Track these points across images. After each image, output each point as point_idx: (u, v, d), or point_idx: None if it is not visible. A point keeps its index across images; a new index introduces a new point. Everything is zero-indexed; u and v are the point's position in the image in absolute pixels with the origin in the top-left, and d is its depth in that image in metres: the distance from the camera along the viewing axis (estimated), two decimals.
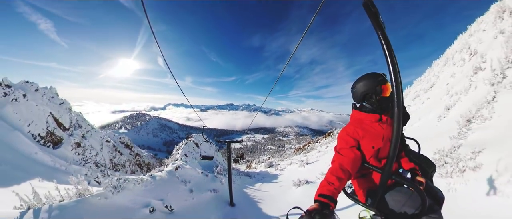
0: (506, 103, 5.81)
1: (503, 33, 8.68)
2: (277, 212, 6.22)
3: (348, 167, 1.41)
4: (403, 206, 1.46)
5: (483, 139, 5.01)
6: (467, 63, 10.23)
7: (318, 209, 1.20)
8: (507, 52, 7.33)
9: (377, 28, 1.18)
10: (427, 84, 13.00)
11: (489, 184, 3.71)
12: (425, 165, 2.01)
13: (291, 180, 10.15)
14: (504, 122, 5.26)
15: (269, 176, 14.40)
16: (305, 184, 9.16)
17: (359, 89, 1.63)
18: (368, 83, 1.59)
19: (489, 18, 10.57)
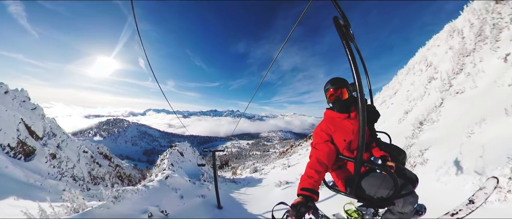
0: (450, 108, 7.04)
1: (452, 49, 10.33)
2: (261, 211, 6.73)
3: (324, 160, 1.53)
4: (379, 189, 1.59)
5: (431, 138, 6.06)
6: (424, 73, 11.86)
7: (302, 202, 1.28)
8: (453, 65, 8.80)
9: (343, 39, 1.34)
10: (392, 91, 14.65)
11: (432, 175, 4.57)
12: (396, 153, 2.29)
13: (274, 182, 10.80)
14: (447, 124, 6.41)
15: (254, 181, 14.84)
16: (285, 185, 9.88)
17: (324, 93, 1.90)
18: (324, 90, 1.87)
19: (443, 35, 12.41)
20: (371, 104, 2.68)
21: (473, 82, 6.91)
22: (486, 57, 7.22)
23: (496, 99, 5.41)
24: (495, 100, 5.41)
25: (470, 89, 6.84)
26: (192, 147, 22.39)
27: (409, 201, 1.52)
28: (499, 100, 5.25)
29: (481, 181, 3.32)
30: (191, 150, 20.48)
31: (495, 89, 5.80)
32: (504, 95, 5.29)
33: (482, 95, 6.13)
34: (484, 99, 5.90)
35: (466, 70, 7.85)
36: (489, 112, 5.15)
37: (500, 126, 4.44)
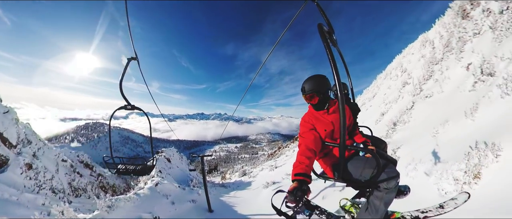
0: (419, 110, 7.80)
1: (424, 57, 11.39)
2: (251, 212, 6.97)
3: (312, 146, 1.68)
4: (364, 170, 1.72)
5: (402, 137, 6.70)
6: (399, 78, 12.88)
7: (297, 187, 1.38)
8: (424, 72, 9.71)
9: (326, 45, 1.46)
10: (371, 94, 15.67)
11: (402, 171, 5.10)
12: (378, 143, 2.53)
13: (262, 183, 11.11)
14: (416, 124, 7.11)
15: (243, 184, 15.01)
16: (272, 185, 10.24)
17: None
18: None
19: (416, 45, 13.58)
20: (353, 102, 2.99)
21: (440, 87, 7.74)
22: (452, 65, 8.12)
23: (458, 103, 6.16)
24: (457, 104, 6.15)
25: (437, 94, 7.66)
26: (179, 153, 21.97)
27: (392, 176, 1.64)
28: (460, 104, 5.99)
29: (442, 176, 3.84)
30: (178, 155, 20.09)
31: (458, 94, 6.59)
32: (464, 99, 6.04)
33: (447, 99, 6.92)
34: (448, 103, 6.66)
35: (434, 76, 8.75)
36: (452, 114, 5.85)
37: (459, 126, 5.10)
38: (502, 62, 5.61)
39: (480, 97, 5.30)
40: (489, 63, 5.92)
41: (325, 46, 1.47)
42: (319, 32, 1.52)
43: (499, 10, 7.05)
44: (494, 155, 3.38)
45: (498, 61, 5.75)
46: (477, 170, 3.40)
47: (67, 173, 15.53)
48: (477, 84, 6.03)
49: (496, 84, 5.01)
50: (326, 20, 1.69)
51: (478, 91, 5.77)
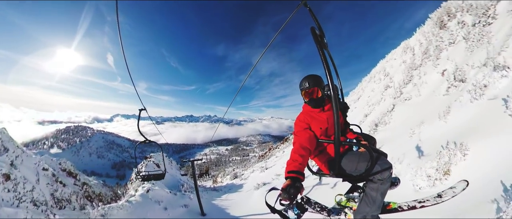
0: (399, 112, 8.35)
1: (405, 62, 12.11)
2: (243, 214, 7.14)
3: (306, 144, 1.72)
4: (358, 164, 1.78)
5: (383, 138, 7.16)
6: (382, 81, 13.60)
7: (291, 184, 1.40)
8: (404, 76, 10.36)
9: (319, 48, 1.50)
10: (356, 96, 16.40)
11: None
12: (368, 139, 2.56)
13: (253, 185, 11.31)
14: (396, 125, 7.61)
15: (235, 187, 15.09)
16: (263, 186, 10.49)
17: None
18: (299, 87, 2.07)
19: (399, 51, 14.38)
20: (343, 101, 3.17)
21: (418, 91, 8.34)
22: (429, 71, 8.78)
23: (433, 105, 6.70)
24: (433, 106, 6.69)
25: (416, 97, 8.25)
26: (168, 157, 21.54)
27: (385, 167, 1.71)
28: (435, 106, 6.52)
29: (416, 172, 4.21)
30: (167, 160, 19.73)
31: (433, 97, 7.16)
32: (439, 102, 6.59)
33: (424, 102, 7.48)
34: (425, 106, 7.22)
35: (413, 81, 9.39)
36: (427, 116, 6.36)
37: (433, 127, 5.58)
38: (472, 70, 6.20)
39: (452, 101, 5.82)
40: (461, 70, 6.51)
41: (318, 48, 1.52)
42: (313, 35, 1.58)
43: (472, 23, 7.75)
44: (462, 153, 3.79)
45: (469, 69, 6.35)
46: (447, 167, 3.79)
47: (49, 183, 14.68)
48: (450, 89, 6.60)
49: (467, 90, 5.54)
50: (317, 24, 1.75)
51: (451, 95, 6.33)
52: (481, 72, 5.55)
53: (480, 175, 3.30)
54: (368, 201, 1.82)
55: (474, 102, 5.05)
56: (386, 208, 2.14)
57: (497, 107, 4.25)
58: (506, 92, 4.33)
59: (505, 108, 4.01)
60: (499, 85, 4.77)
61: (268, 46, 2.39)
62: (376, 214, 1.84)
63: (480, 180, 3.17)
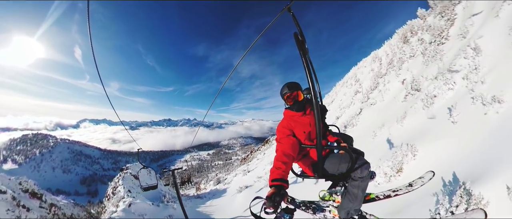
0: (365, 115, 9.36)
1: (373, 70, 13.46)
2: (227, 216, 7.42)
3: (289, 151, 1.74)
4: (340, 165, 1.90)
5: None
6: (353, 86, 14.89)
7: (276, 192, 1.41)
8: (371, 83, 11.55)
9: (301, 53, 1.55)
10: (330, 99, 17.71)
11: None
12: (346, 138, 2.84)
13: (236, 189, 11.63)
14: (362, 127, 8.56)
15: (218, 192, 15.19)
16: (245, 189, 10.91)
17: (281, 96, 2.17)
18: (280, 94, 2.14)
19: (369, 59, 15.90)
20: (322, 104, 3.42)
21: (382, 97, 9.44)
22: (392, 80, 9.98)
23: (394, 110, 7.70)
24: (393, 111, 7.69)
25: (380, 102, 9.33)
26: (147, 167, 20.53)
27: (364, 166, 1.85)
28: (395, 111, 7.51)
29: (376, 170, 4.90)
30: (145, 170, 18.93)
31: (394, 103, 8.21)
32: (398, 108, 7.60)
33: (386, 107, 8.53)
34: (386, 110, 8.24)
35: (379, 88, 10.57)
36: (388, 119, 7.31)
37: (392, 130, 6.46)
38: (426, 82, 7.29)
39: (408, 107, 6.80)
40: (417, 81, 7.61)
41: (300, 53, 1.58)
42: (295, 40, 1.64)
43: (429, 41, 9.07)
44: (412, 154, 4.57)
45: (424, 80, 7.45)
46: (400, 166, 4.53)
47: (10, 208, 12.48)
48: (407, 96, 7.67)
49: (420, 98, 6.53)
50: (300, 30, 1.81)
51: (408, 102, 7.37)
52: (433, 84, 6.59)
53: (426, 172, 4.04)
54: (351, 197, 1.95)
55: (426, 110, 6.01)
56: (365, 199, 2.34)
57: (443, 115, 5.16)
58: (451, 102, 5.26)
59: (449, 116, 4.89)
60: (446, 96, 5.77)
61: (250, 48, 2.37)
62: (358, 208, 2.01)
63: None
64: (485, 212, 2.04)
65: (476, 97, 4.58)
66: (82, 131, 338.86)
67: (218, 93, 3.88)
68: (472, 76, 5.32)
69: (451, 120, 4.70)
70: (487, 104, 4.22)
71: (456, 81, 5.80)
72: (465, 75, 5.53)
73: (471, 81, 5.27)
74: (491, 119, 3.98)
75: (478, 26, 6.75)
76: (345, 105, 12.92)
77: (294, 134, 1.96)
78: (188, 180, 21.47)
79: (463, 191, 2.75)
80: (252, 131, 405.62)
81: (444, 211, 2.81)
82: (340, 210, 2.07)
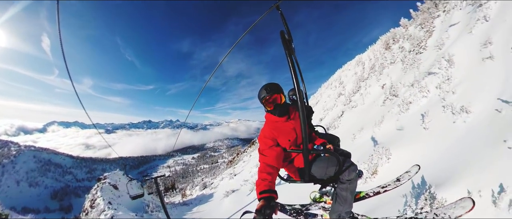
0: (346, 118, 9.97)
1: (356, 74, 14.30)
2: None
3: (273, 163, 1.72)
4: (327, 169, 1.88)
5: None
6: (337, 89, 15.67)
7: (265, 204, 1.41)
8: (354, 86, 12.27)
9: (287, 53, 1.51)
10: (315, 101, 18.47)
11: None
12: (332, 139, 2.85)
13: (222, 193, 11.79)
14: (343, 129, 9.12)
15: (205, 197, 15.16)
16: (232, 193, 11.11)
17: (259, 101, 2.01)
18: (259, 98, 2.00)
19: (353, 62, 16.84)
20: (307, 105, 3.30)
21: (363, 100, 10.10)
22: (373, 84, 10.70)
23: (373, 114, 8.31)
24: (372, 114, 8.30)
25: (361, 105, 9.99)
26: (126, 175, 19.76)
27: (352, 169, 1.86)
28: (374, 115, 8.10)
29: None
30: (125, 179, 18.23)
31: (374, 107, 8.84)
32: (377, 112, 8.20)
33: (366, 110, 9.16)
34: (366, 113, 8.87)
35: (361, 91, 11.28)
36: (367, 123, 7.88)
37: (370, 133, 7.00)
38: (403, 88, 7.97)
39: (386, 112, 7.40)
40: (395, 87, 8.28)
41: (286, 52, 1.54)
42: (281, 39, 1.59)
43: (409, 49, 9.91)
44: (386, 157, 5.03)
45: (401, 86, 8.13)
46: (375, 168, 4.98)
47: None
48: (386, 101, 8.31)
49: (397, 103, 7.13)
50: (287, 28, 1.80)
51: (386, 106, 8.00)
52: (409, 90, 7.24)
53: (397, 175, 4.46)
54: (340, 200, 1.98)
55: (401, 115, 6.60)
56: (355, 198, 2.38)
57: (416, 121, 5.73)
58: (424, 109, 5.84)
59: (422, 122, 5.45)
60: (420, 103, 6.38)
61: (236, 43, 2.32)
62: (349, 210, 2.04)
63: None
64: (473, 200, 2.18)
65: (446, 106, 5.16)
66: (50, 135, 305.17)
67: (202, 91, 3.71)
68: (445, 86, 5.94)
69: (423, 126, 5.26)
70: (456, 113, 4.75)
71: (430, 89, 6.44)
72: (438, 85, 6.17)
73: (443, 91, 5.87)
74: (458, 127, 4.49)
75: (453, 39, 7.48)
76: (328, 107, 13.59)
77: (278, 143, 1.90)
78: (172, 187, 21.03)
79: (428, 195, 3.16)
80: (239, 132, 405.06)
81: (411, 212, 3.20)
82: (331, 214, 2.09)
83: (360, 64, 14.73)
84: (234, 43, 2.35)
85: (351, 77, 14.86)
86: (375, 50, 13.80)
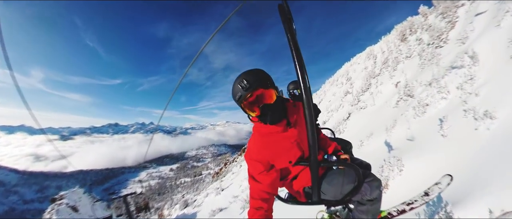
0: (353, 121, 10.29)
1: (366, 69, 14.77)
2: None
3: (268, 190, 1.60)
4: (343, 186, 1.69)
5: None
6: (344, 86, 16.11)
7: None
8: (363, 83, 12.65)
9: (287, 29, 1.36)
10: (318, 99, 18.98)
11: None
12: (344, 145, 2.74)
13: (208, 212, 11.88)
14: (350, 135, 9.42)
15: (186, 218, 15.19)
16: (219, 212, 11.25)
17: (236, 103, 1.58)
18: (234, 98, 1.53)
19: (363, 55, 17.40)
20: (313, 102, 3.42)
21: (373, 100, 10.42)
22: (385, 81, 11.05)
23: (384, 117, 8.60)
24: (383, 117, 8.59)
25: (370, 106, 10.33)
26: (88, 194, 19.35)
27: (375, 185, 1.71)
28: (385, 118, 8.39)
29: None
30: (87, 198, 17.86)
31: (385, 109, 9.13)
32: (388, 114, 8.49)
33: (376, 113, 9.48)
34: (377, 116, 9.17)
35: (371, 90, 11.64)
36: (376, 127, 8.15)
37: (380, 140, 7.25)
38: (420, 87, 8.27)
39: (399, 115, 7.67)
40: (410, 86, 8.58)
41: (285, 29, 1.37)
42: (280, 13, 1.44)
43: (427, 42, 10.26)
44: (398, 169, 5.25)
45: (417, 85, 8.44)
46: (386, 181, 5.19)
47: None
48: (400, 102, 8.62)
49: (412, 106, 7.40)
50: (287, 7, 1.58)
51: (400, 108, 8.28)
52: (426, 91, 7.51)
53: (410, 190, 4.57)
54: None
55: (417, 119, 6.86)
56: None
57: (433, 127, 5.95)
58: (443, 113, 6.07)
59: (440, 128, 5.67)
60: (438, 106, 6.64)
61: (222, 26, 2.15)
62: None
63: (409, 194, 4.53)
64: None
65: (468, 110, 5.31)
66: None
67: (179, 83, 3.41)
68: (467, 87, 6.15)
69: (441, 133, 5.49)
70: (478, 119, 4.88)
71: (450, 90, 6.70)
72: (460, 85, 6.41)
73: (465, 92, 6.10)
74: (481, 135, 4.61)
75: (478, 33, 7.76)
76: (333, 108, 13.94)
77: (274, 166, 1.66)
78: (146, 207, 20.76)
79: (444, 214, 3.33)
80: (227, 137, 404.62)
81: None
82: None
83: (371, 58, 15.18)
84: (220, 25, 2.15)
85: (361, 72, 15.30)
86: (389, 41, 14.27)
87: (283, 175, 1.80)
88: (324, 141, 2.03)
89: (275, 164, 1.64)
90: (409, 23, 12.98)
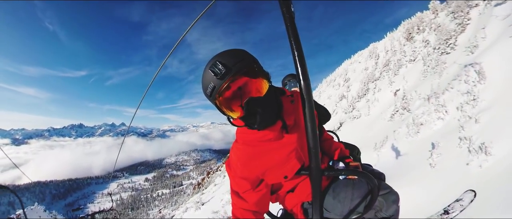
0: (345, 132, 10.72)
1: (367, 69, 15.30)
2: None
3: (255, 209, 1.51)
4: (352, 201, 1.54)
5: None
6: (340, 88, 16.63)
7: None
8: (360, 87, 13.06)
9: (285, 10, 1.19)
10: None
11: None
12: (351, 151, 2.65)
13: None
14: None
15: None
16: None
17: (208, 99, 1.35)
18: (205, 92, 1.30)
19: (365, 53, 17.91)
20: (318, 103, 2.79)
21: (368, 109, 10.87)
22: (384, 88, 11.49)
23: (376, 130, 9.02)
24: (375, 131, 9.01)
25: (365, 116, 10.78)
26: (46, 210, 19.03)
27: (392, 200, 1.60)
28: (377, 132, 8.80)
29: None
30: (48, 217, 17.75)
31: (379, 121, 9.54)
32: (382, 128, 8.88)
33: (370, 124, 9.92)
34: (369, 129, 9.65)
35: (367, 96, 12.08)
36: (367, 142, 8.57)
37: (367, 157, 7.60)
38: (418, 101, 8.71)
39: (391, 131, 8.05)
40: (409, 99, 8.94)
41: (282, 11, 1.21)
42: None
43: (434, 46, 10.62)
44: None
45: (416, 98, 8.80)
46: None
47: None
48: (395, 115, 9.04)
49: (406, 122, 7.75)
50: None
51: (394, 123, 8.68)
52: (423, 106, 7.90)
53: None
54: None
55: (408, 139, 7.22)
56: None
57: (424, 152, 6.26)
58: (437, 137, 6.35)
59: (430, 155, 5.93)
60: (434, 127, 7.03)
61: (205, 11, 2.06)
62: None
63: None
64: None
65: (463, 139, 5.51)
66: None
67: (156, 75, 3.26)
68: (468, 109, 6.38)
69: (430, 162, 5.82)
70: (472, 151, 4.98)
71: (448, 110, 7.01)
72: (460, 105, 6.68)
73: (464, 115, 6.35)
74: (471, 173, 4.70)
75: (490, 41, 7.87)
76: None
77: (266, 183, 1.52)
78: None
79: None
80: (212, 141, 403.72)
81: None
82: None
83: (374, 57, 15.63)
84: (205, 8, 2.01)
85: (360, 73, 15.78)
86: (394, 39, 14.71)
87: (276, 189, 1.67)
88: (329, 144, 1.84)
89: (266, 179, 1.49)
90: (417, 20, 13.50)
